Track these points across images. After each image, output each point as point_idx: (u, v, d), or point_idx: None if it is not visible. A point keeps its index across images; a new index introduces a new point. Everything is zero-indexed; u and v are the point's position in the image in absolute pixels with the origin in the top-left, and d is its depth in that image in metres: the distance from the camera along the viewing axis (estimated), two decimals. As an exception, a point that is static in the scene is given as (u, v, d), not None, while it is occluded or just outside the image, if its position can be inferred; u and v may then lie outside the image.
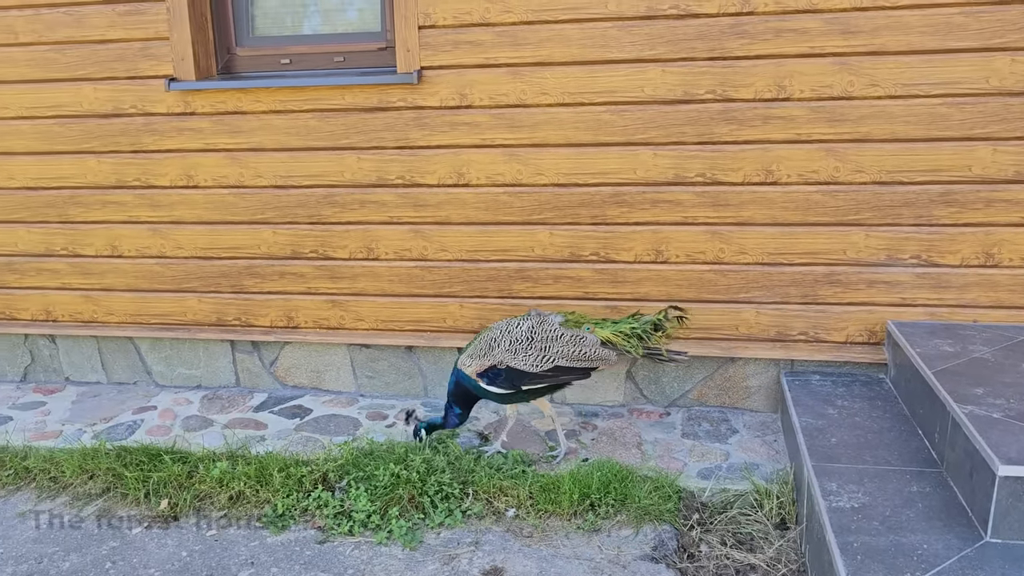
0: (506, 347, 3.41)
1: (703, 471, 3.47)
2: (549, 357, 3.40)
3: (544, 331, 3.43)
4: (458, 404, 3.57)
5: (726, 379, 3.99)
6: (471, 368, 3.46)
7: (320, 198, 4.08)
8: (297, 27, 4.17)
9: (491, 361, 3.42)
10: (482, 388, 3.47)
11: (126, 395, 4.48)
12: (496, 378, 3.43)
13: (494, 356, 3.42)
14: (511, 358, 3.40)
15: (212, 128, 4.09)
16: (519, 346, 3.40)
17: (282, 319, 4.27)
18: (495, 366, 3.42)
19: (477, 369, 3.45)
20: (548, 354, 3.40)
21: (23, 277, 4.49)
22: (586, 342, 3.43)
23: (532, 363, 3.39)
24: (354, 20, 4.11)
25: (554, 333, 3.43)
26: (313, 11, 4.15)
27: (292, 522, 3.23)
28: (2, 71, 4.21)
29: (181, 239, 4.27)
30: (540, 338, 3.42)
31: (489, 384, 3.45)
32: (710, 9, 3.55)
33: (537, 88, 3.76)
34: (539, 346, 3.40)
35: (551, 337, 3.42)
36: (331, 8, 4.12)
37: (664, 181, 3.76)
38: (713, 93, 3.62)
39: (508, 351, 3.40)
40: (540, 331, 3.43)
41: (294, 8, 4.16)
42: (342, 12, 4.12)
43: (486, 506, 3.25)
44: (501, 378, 3.43)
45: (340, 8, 4.12)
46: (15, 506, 3.45)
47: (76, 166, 4.27)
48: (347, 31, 4.10)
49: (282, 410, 4.21)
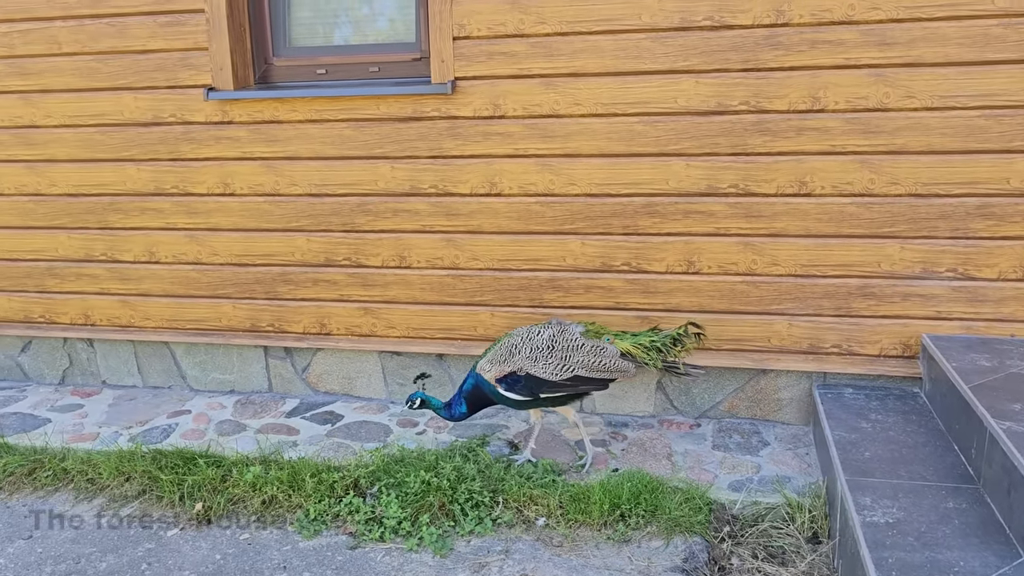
0: (527, 354, 3.42)
1: (734, 483, 3.46)
2: (569, 366, 3.41)
3: (565, 340, 3.44)
4: (467, 404, 3.57)
5: (757, 391, 3.97)
6: (490, 373, 3.48)
7: (354, 206, 4.13)
8: (333, 38, 4.23)
9: (511, 367, 3.44)
10: (500, 393, 3.48)
11: (161, 399, 4.54)
12: (515, 384, 3.45)
13: (514, 362, 3.44)
14: (531, 365, 3.41)
15: (249, 137, 4.15)
16: (539, 354, 3.42)
17: (315, 326, 4.32)
18: (514, 372, 3.44)
19: (496, 375, 3.46)
20: (568, 363, 3.41)
21: (63, 282, 4.58)
22: (606, 353, 3.44)
23: (552, 371, 3.40)
24: (389, 31, 4.16)
25: (575, 342, 3.44)
26: (348, 22, 4.21)
27: (324, 527, 3.26)
28: (47, 80, 4.31)
29: (217, 246, 4.33)
30: (560, 347, 3.43)
31: (507, 390, 3.47)
32: (745, 21, 3.55)
33: (570, 99, 3.78)
34: (559, 355, 3.41)
35: (572, 346, 3.43)
36: (366, 19, 4.18)
37: (697, 192, 3.76)
38: (747, 104, 3.62)
39: (528, 358, 3.42)
40: (561, 340, 3.44)
41: (330, 19, 4.22)
42: (377, 23, 4.17)
43: (516, 515, 3.26)
44: (520, 385, 3.44)
45: (375, 19, 4.17)
46: (54, 507, 3.51)
47: (116, 173, 4.36)
48: (382, 42, 4.15)
49: (314, 416, 4.25)
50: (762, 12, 3.52)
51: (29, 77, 4.33)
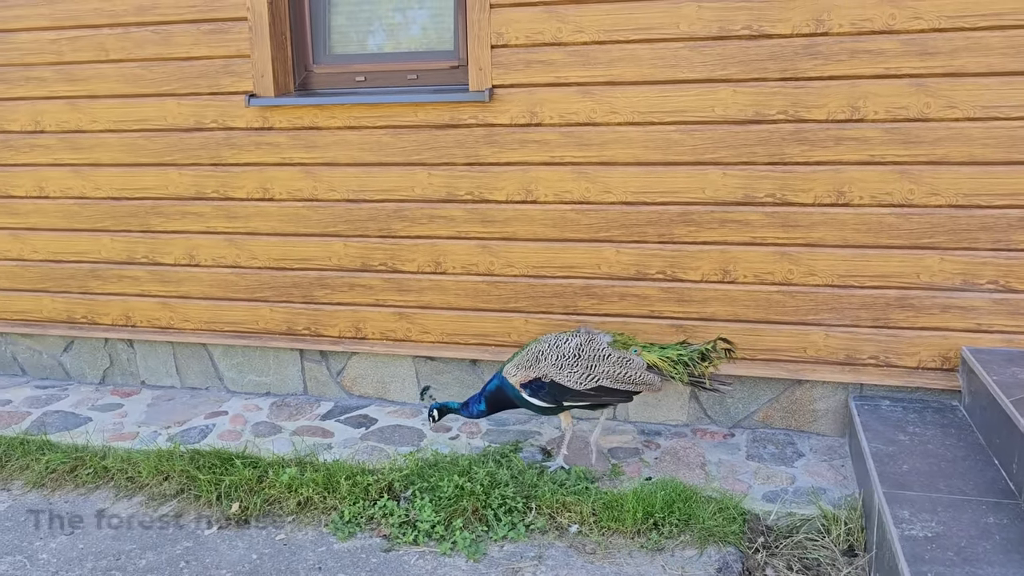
0: (552, 361, 3.44)
1: (768, 494, 3.44)
2: (594, 376, 3.41)
3: (592, 349, 3.45)
4: (487, 404, 3.61)
5: (792, 401, 3.94)
6: (516, 378, 3.50)
7: (390, 212, 4.17)
8: (371, 46, 4.28)
9: (536, 373, 3.46)
10: (523, 398, 3.51)
11: (198, 400, 4.61)
12: (539, 390, 3.48)
13: (540, 369, 3.46)
14: (556, 372, 3.43)
15: (289, 143, 4.21)
16: (565, 362, 3.43)
17: (350, 330, 4.37)
18: (539, 378, 3.46)
19: (522, 379, 3.49)
20: (593, 373, 3.41)
21: (105, 283, 4.67)
22: (632, 365, 3.44)
23: (576, 380, 3.42)
24: (427, 39, 4.20)
25: (602, 352, 3.44)
26: (387, 30, 4.26)
27: (358, 529, 3.29)
28: (93, 86, 4.41)
29: (255, 250, 4.40)
30: (587, 356, 3.44)
31: (531, 395, 3.49)
32: (784, 30, 3.54)
33: (607, 107, 3.79)
34: (585, 364, 3.42)
35: (598, 356, 3.43)
36: (405, 27, 4.22)
37: (733, 201, 3.75)
38: (785, 113, 3.61)
39: (554, 365, 3.44)
40: (588, 349, 3.45)
41: (370, 27, 4.27)
42: (415, 31, 4.22)
43: (549, 521, 3.27)
44: (544, 391, 3.47)
45: (413, 27, 4.22)
46: (95, 504, 3.58)
47: (159, 178, 4.44)
48: (420, 49, 4.19)
49: (348, 419, 4.29)
50: (801, 21, 3.51)
51: (76, 83, 4.43)
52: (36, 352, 4.95)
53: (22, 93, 4.52)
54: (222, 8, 4.14)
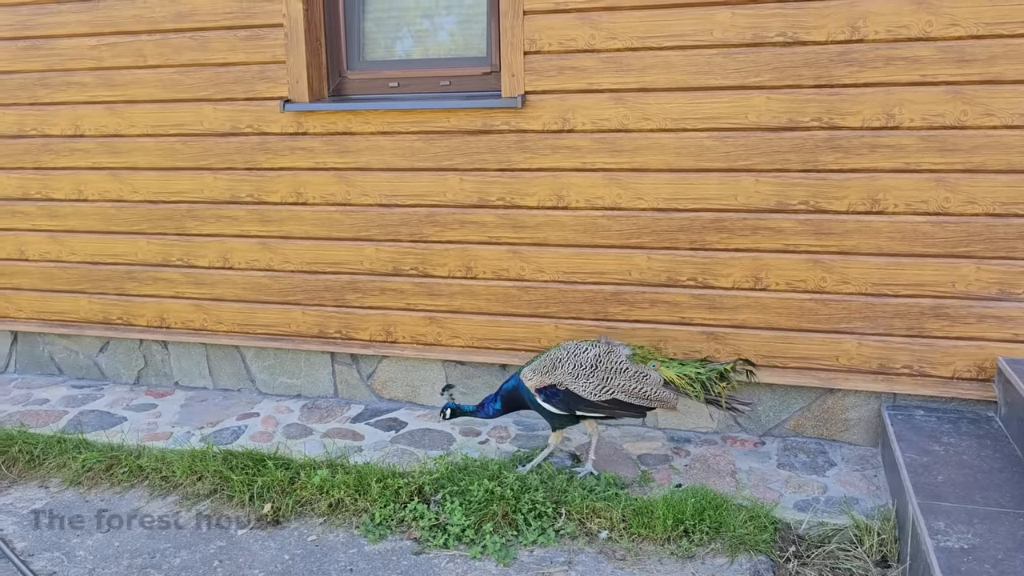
0: (569, 370, 3.43)
1: (800, 503, 3.42)
2: (609, 389, 3.40)
3: (610, 361, 3.43)
4: (503, 403, 3.62)
5: (824, 410, 3.92)
6: (532, 382, 3.50)
7: (422, 217, 4.20)
8: (405, 52, 4.32)
9: (552, 380, 3.46)
10: (537, 403, 3.51)
11: (231, 401, 4.67)
12: (553, 397, 3.47)
13: (556, 376, 3.45)
14: (572, 381, 3.42)
15: (322, 148, 4.26)
16: (582, 371, 3.41)
17: (381, 333, 4.40)
18: (555, 385, 3.45)
19: (537, 384, 3.49)
20: (609, 386, 3.40)
21: (141, 285, 4.74)
22: (649, 380, 3.41)
23: (591, 391, 3.40)
24: (460, 45, 4.23)
25: (619, 365, 3.42)
26: (421, 37, 4.29)
27: (389, 532, 3.31)
28: (132, 91, 4.48)
29: (288, 253, 4.45)
30: (604, 368, 3.41)
31: (545, 401, 3.49)
32: (818, 37, 3.52)
33: (639, 113, 3.80)
34: (602, 375, 3.40)
35: (616, 369, 3.41)
36: (438, 34, 4.26)
37: (766, 208, 3.74)
38: (819, 121, 3.59)
39: (571, 374, 3.42)
40: (606, 360, 3.43)
41: (403, 34, 4.31)
42: (448, 38, 4.25)
43: (579, 527, 3.27)
44: (558, 399, 3.46)
45: (447, 34, 4.25)
46: (130, 502, 3.63)
47: (194, 182, 4.51)
48: (453, 56, 4.22)
49: (378, 422, 4.32)
50: (836, 28, 3.50)
51: (115, 88, 4.51)
52: (73, 352, 5.04)
53: (63, 98, 4.61)
54: (259, 15, 4.20)
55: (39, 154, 4.73)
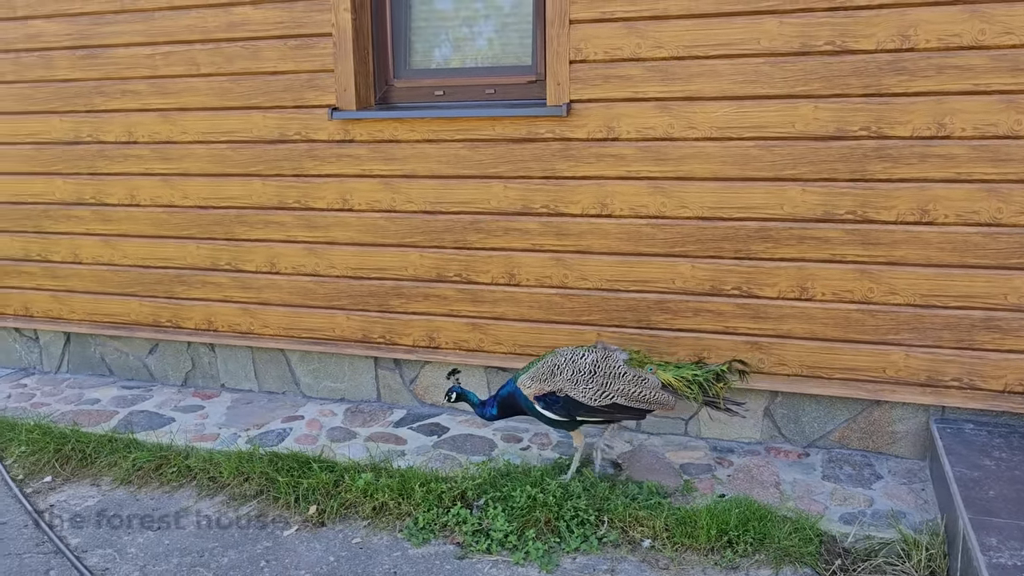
0: (568, 376, 3.45)
1: (845, 516, 3.38)
2: (608, 393, 3.42)
3: (608, 366, 3.45)
4: (499, 409, 3.65)
5: (870, 422, 3.87)
6: (530, 390, 3.52)
7: (466, 224, 4.23)
8: (451, 61, 4.37)
9: (551, 387, 3.48)
10: (536, 410, 3.54)
11: (275, 404, 4.74)
12: (553, 404, 3.49)
13: (555, 383, 3.47)
14: (571, 388, 3.44)
15: (369, 155, 4.32)
16: (581, 377, 3.44)
17: (424, 339, 4.44)
18: (554, 392, 3.48)
19: (536, 392, 3.51)
20: (608, 390, 3.42)
21: (190, 289, 4.84)
22: (647, 384, 3.44)
23: (591, 396, 3.42)
24: (505, 54, 4.27)
25: (617, 370, 3.45)
26: (466, 46, 4.34)
27: (432, 536, 3.34)
28: (184, 99, 4.59)
29: (334, 259, 4.51)
30: (602, 373, 3.44)
31: (545, 408, 3.51)
32: (867, 45, 3.50)
33: (685, 122, 3.80)
34: (600, 380, 3.43)
35: (614, 374, 3.44)
36: (483, 43, 4.30)
37: (812, 218, 3.71)
38: (867, 130, 3.56)
39: (570, 380, 3.45)
40: (604, 366, 3.45)
41: (449, 43, 4.36)
42: (494, 47, 4.29)
43: (621, 535, 3.27)
44: (558, 405, 3.48)
45: (492, 43, 4.29)
46: (179, 502, 3.71)
47: (243, 188, 4.59)
48: (498, 64, 4.26)
49: (420, 427, 4.36)
50: (886, 37, 3.47)
51: (168, 96, 4.62)
52: (123, 354, 5.15)
53: (118, 105, 4.73)
54: (308, 24, 4.27)
55: (94, 160, 4.85)
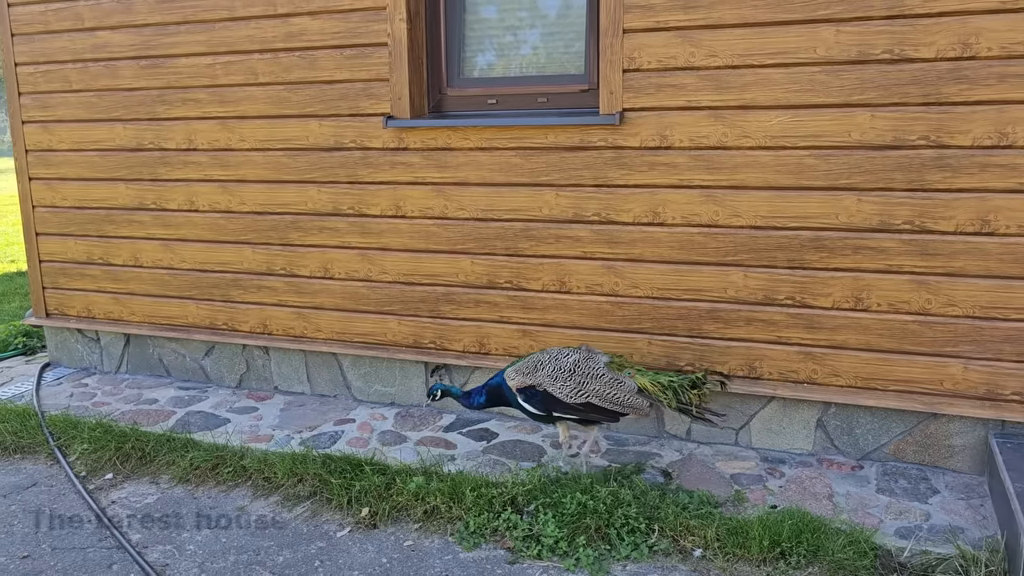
0: (548, 373, 3.63)
1: (901, 530, 3.33)
2: (584, 393, 3.58)
3: (587, 367, 3.62)
4: (487, 397, 3.82)
5: (926, 436, 3.81)
6: (514, 381, 3.70)
7: (517, 231, 4.27)
8: (503, 70, 4.41)
9: (532, 381, 3.65)
10: (518, 402, 3.71)
11: (327, 407, 4.82)
12: (532, 398, 3.66)
13: (536, 378, 3.65)
14: (550, 383, 3.61)
15: (422, 163, 4.38)
16: (560, 375, 3.61)
17: (474, 345, 4.48)
18: (534, 387, 3.65)
19: (518, 384, 3.69)
20: (584, 390, 3.58)
21: (246, 293, 4.95)
22: (623, 387, 3.59)
23: (567, 394, 3.59)
24: (558, 63, 4.29)
25: (596, 371, 3.61)
26: (519, 55, 4.37)
27: (483, 540, 3.37)
28: (243, 107, 4.70)
29: (387, 265, 4.58)
30: (581, 372, 3.60)
31: (525, 401, 3.69)
32: (927, 54, 3.46)
33: (739, 131, 3.79)
34: (578, 380, 3.60)
35: (592, 375, 3.60)
36: (536, 52, 4.33)
37: (868, 227, 3.67)
38: (926, 139, 3.52)
39: (549, 376, 3.62)
40: (583, 366, 3.62)
41: (502, 52, 4.40)
42: (546, 56, 4.32)
43: (672, 543, 3.26)
44: (537, 399, 3.66)
45: (545, 52, 4.32)
46: (235, 501, 3.79)
47: (299, 194, 4.69)
48: (550, 73, 4.29)
49: (470, 432, 4.39)
50: (947, 45, 3.42)
51: (227, 104, 4.73)
52: (180, 355, 5.28)
53: (179, 113, 4.86)
54: (364, 34, 4.35)
55: (155, 167, 4.99)
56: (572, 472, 3.78)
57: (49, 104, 5.19)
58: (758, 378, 3.99)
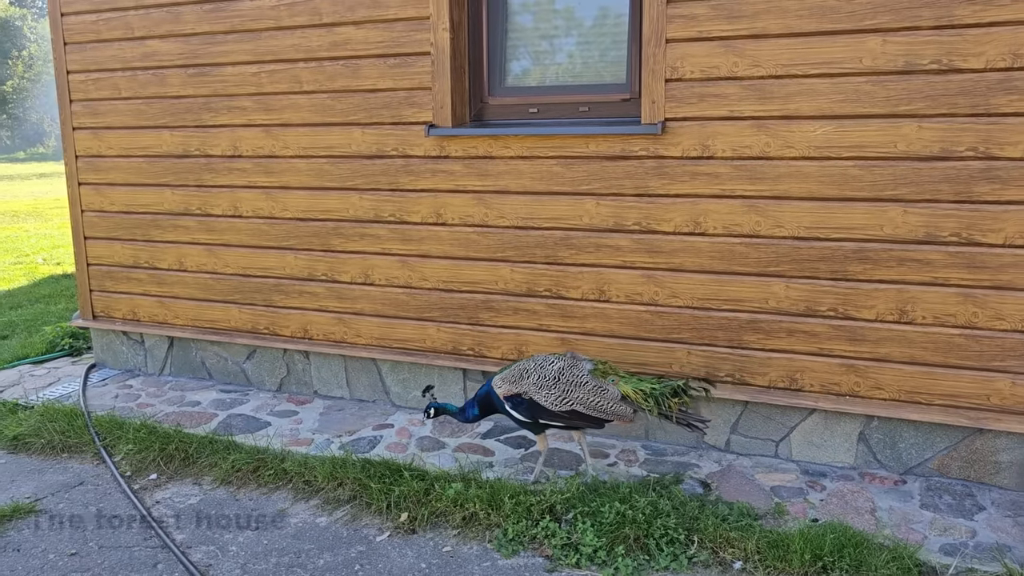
0: (534, 381, 3.67)
1: (946, 547, 3.28)
2: (568, 400, 3.61)
3: (571, 375, 3.65)
4: (479, 408, 3.86)
5: (972, 451, 3.75)
6: (501, 390, 3.75)
7: (557, 240, 4.28)
8: (544, 79, 4.43)
9: (518, 389, 3.70)
10: (506, 410, 3.76)
11: (366, 411, 4.86)
12: (519, 406, 3.71)
13: (522, 386, 3.69)
14: (536, 391, 3.65)
15: (463, 171, 4.41)
16: (545, 383, 3.65)
17: (512, 352, 4.49)
18: (520, 394, 3.69)
19: (505, 393, 3.74)
20: (568, 397, 3.62)
21: (287, 298, 5.01)
22: (607, 395, 3.62)
23: (552, 401, 3.63)
24: (599, 73, 4.31)
25: (580, 379, 3.64)
26: (560, 64, 4.39)
27: (521, 548, 3.38)
28: (287, 115, 4.77)
29: (426, 271, 4.61)
30: (565, 380, 3.64)
31: (512, 408, 3.73)
32: (976, 64, 3.42)
33: (782, 141, 3.77)
34: (562, 388, 3.63)
35: (576, 382, 3.63)
36: (577, 61, 4.35)
37: (913, 239, 3.63)
38: (975, 150, 3.47)
39: (535, 384, 3.66)
40: (568, 374, 3.65)
41: (543, 61, 4.42)
42: (588, 65, 4.33)
43: (711, 555, 3.25)
44: (523, 407, 3.70)
45: (586, 62, 4.33)
46: (276, 503, 3.84)
47: (341, 201, 4.74)
48: (592, 83, 4.30)
49: (507, 439, 4.41)
50: (996, 55, 3.38)
51: (272, 112, 4.81)
52: (222, 359, 5.36)
53: (224, 121, 4.94)
54: (408, 44, 4.40)
55: (201, 173, 5.08)
56: (611, 481, 3.78)
57: (99, 111, 5.31)
58: (799, 390, 3.96)
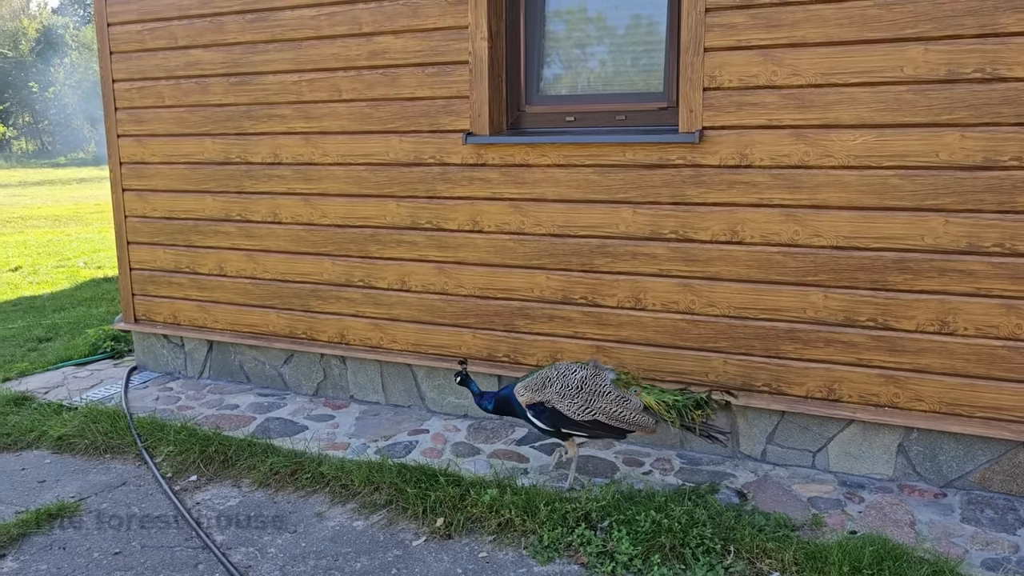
0: (556, 389, 3.68)
1: (988, 561, 3.24)
2: (591, 410, 3.62)
3: (594, 384, 3.65)
4: (494, 405, 3.92)
5: (1015, 465, 3.69)
6: (523, 397, 3.77)
7: (593, 248, 4.29)
8: (581, 87, 4.45)
9: (540, 398, 3.72)
10: (528, 418, 3.78)
11: (401, 417, 4.90)
12: (541, 414, 3.73)
13: (544, 394, 3.71)
14: (558, 400, 3.66)
15: (500, 179, 4.44)
16: (568, 392, 3.66)
17: (547, 359, 4.51)
18: (542, 403, 3.71)
19: (528, 401, 3.76)
20: (591, 407, 3.62)
21: (325, 303, 5.08)
22: (629, 405, 3.62)
23: (575, 411, 3.64)
24: (636, 81, 4.31)
25: (603, 388, 3.64)
26: (597, 72, 4.41)
27: (556, 555, 3.39)
28: (326, 123, 4.84)
29: (463, 278, 4.65)
30: (588, 390, 3.64)
31: (535, 417, 3.75)
32: (1021, 73, 3.38)
33: (821, 150, 3.75)
34: (585, 397, 3.63)
35: (599, 392, 3.64)
36: (614, 70, 4.36)
37: (955, 249, 3.59)
38: (1019, 160, 3.43)
39: (557, 393, 3.67)
40: (590, 383, 3.66)
41: (580, 70, 4.44)
42: (625, 74, 4.34)
43: (748, 566, 3.23)
44: (545, 415, 3.72)
45: (623, 70, 4.34)
46: (313, 507, 3.88)
47: (378, 208, 4.80)
48: (629, 91, 4.31)
49: (542, 446, 4.42)
50: (1041, 64, 3.34)
51: (311, 120, 4.88)
52: (260, 363, 5.44)
53: (265, 129, 5.03)
54: (446, 53, 4.45)
55: (241, 179, 5.17)
56: (646, 489, 3.77)
57: (143, 119, 5.43)
58: (837, 400, 3.93)
